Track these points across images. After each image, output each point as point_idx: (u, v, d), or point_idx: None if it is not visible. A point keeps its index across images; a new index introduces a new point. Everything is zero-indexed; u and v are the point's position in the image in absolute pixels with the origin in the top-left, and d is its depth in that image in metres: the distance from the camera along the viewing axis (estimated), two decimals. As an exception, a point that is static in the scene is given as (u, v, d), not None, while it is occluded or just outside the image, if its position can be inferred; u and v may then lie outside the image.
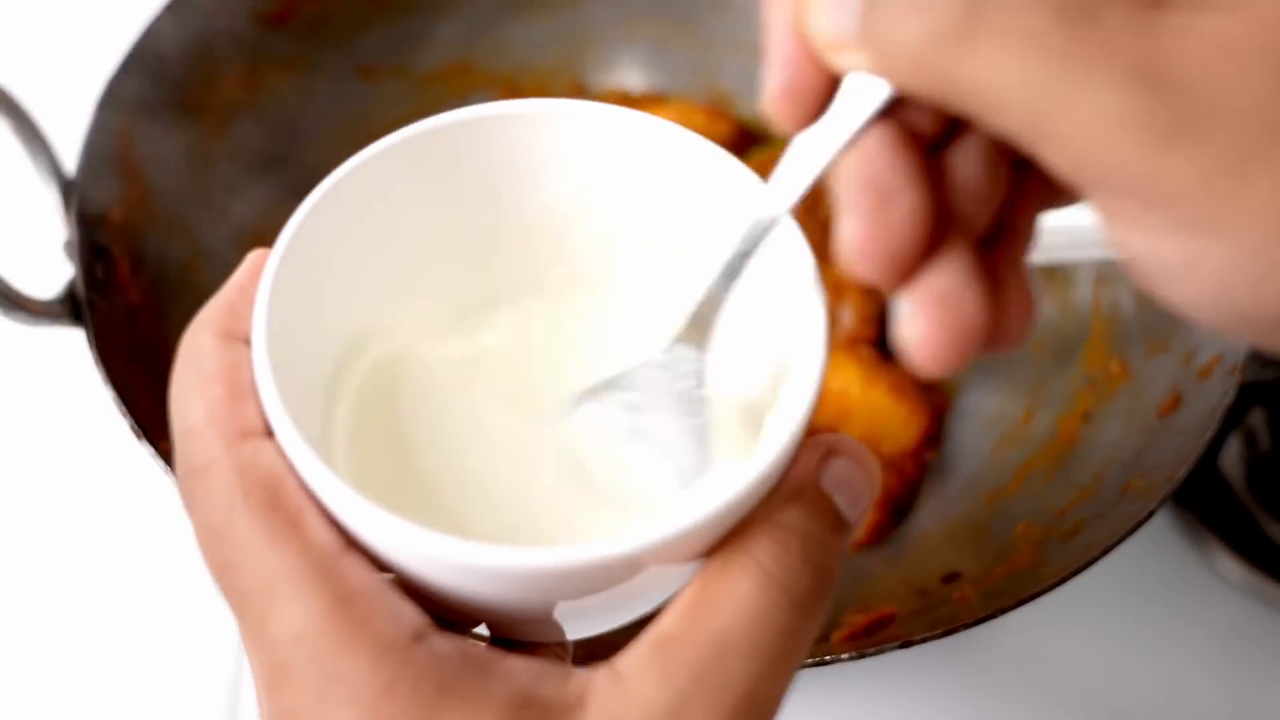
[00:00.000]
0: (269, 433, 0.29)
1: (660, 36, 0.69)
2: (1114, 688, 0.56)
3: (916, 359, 0.27)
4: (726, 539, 0.28)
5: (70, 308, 0.52)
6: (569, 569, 0.27)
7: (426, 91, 0.67)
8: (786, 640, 0.27)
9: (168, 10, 0.59)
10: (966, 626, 0.45)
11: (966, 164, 0.28)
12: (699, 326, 0.31)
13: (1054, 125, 0.24)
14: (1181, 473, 0.48)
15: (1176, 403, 0.52)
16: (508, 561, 0.27)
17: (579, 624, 0.31)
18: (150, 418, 0.49)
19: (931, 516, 0.57)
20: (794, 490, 0.29)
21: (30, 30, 0.76)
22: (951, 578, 0.52)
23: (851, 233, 0.27)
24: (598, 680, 0.27)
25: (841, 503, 0.29)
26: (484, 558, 0.27)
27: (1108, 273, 0.59)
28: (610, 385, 0.33)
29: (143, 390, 0.51)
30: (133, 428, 0.48)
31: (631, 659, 0.27)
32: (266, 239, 0.66)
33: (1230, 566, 0.58)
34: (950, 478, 0.59)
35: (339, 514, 0.28)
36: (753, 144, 0.67)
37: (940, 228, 0.27)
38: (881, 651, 0.44)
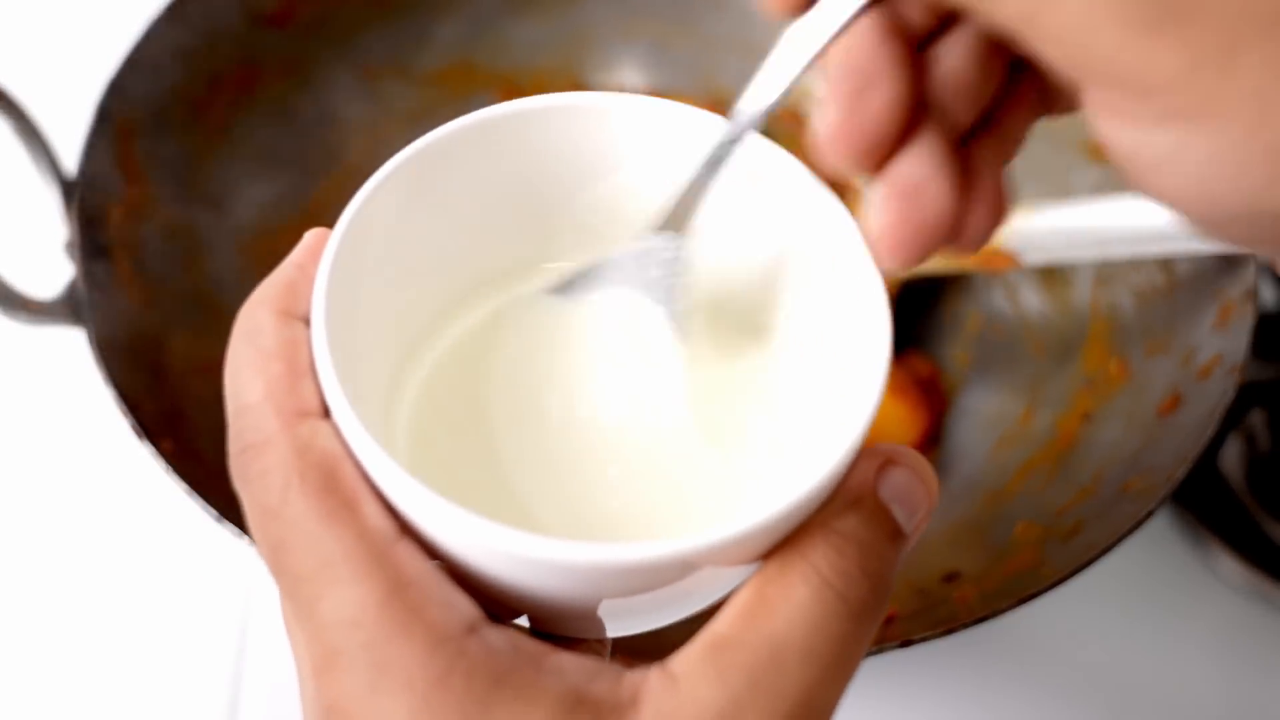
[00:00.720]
0: (326, 414, 0.29)
1: (660, 36, 0.69)
2: (1114, 688, 0.56)
3: (878, 249, 0.28)
4: (782, 544, 0.28)
5: (70, 308, 0.52)
6: (623, 566, 0.27)
7: (426, 92, 0.67)
8: (842, 648, 0.27)
9: (168, 10, 0.59)
10: (966, 626, 0.45)
11: (953, 57, 0.28)
12: (678, 217, 0.32)
13: (1044, 16, 0.25)
14: (1181, 472, 0.48)
15: (1176, 403, 0.52)
16: (560, 555, 0.26)
17: (622, 621, 0.31)
18: (150, 418, 0.49)
19: (931, 516, 0.57)
20: (852, 499, 0.29)
21: (30, 30, 0.76)
22: (951, 577, 0.52)
23: (828, 117, 0.28)
24: (650, 680, 0.27)
25: (899, 513, 0.29)
26: (536, 550, 0.26)
27: (1108, 273, 0.59)
28: (584, 275, 0.34)
29: (143, 390, 0.51)
30: (133, 428, 0.48)
31: (685, 660, 0.27)
32: (267, 239, 0.66)
33: (1230, 567, 0.58)
34: (950, 478, 0.59)
35: (393, 498, 0.28)
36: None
37: (916, 119, 0.28)
38: (881, 651, 0.44)
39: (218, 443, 0.53)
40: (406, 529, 0.28)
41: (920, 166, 0.28)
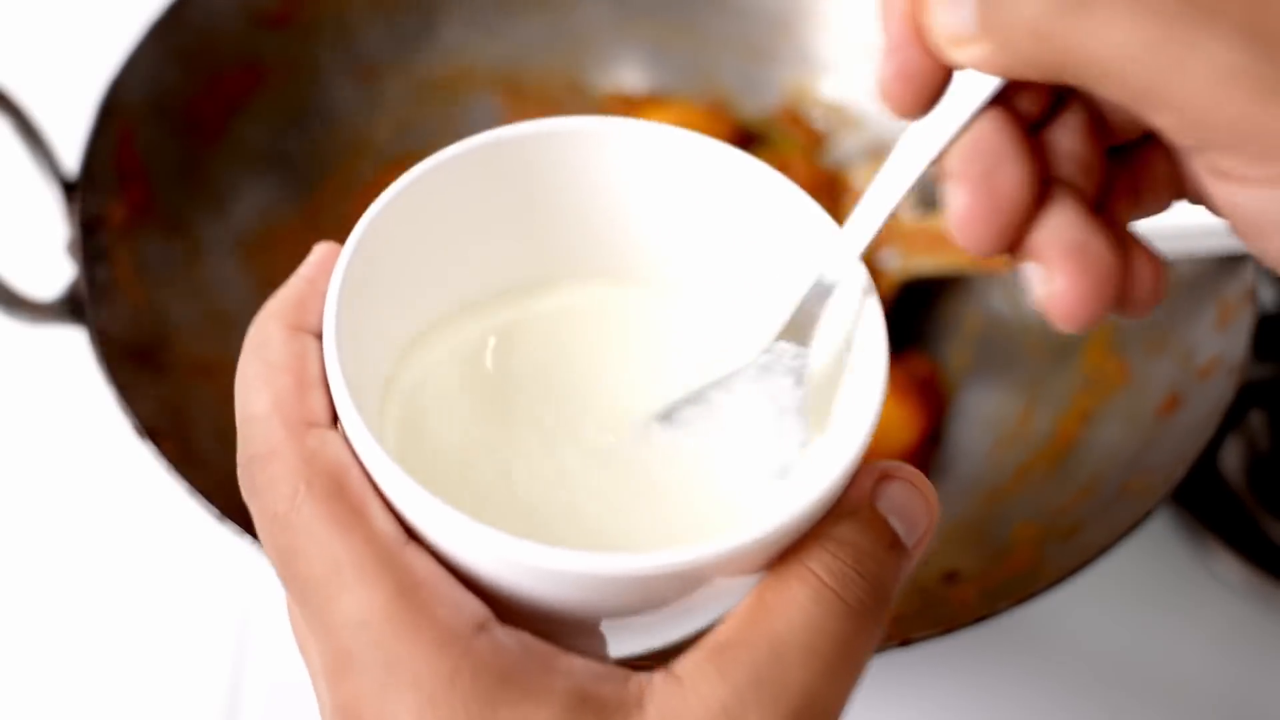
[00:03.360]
0: (333, 424, 0.29)
1: (660, 37, 0.69)
2: (1113, 688, 0.56)
3: (1057, 314, 0.29)
4: (782, 555, 0.29)
5: (71, 308, 0.52)
6: (622, 576, 0.27)
7: (426, 92, 0.67)
8: (843, 646, 0.28)
9: (168, 11, 0.59)
10: (966, 626, 0.45)
11: (1067, 138, 0.30)
12: (801, 324, 0.32)
13: (1167, 86, 0.26)
14: (1180, 472, 0.48)
15: (1176, 403, 0.52)
16: (563, 564, 0.27)
17: (624, 639, 0.31)
18: (150, 418, 0.49)
19: (934, 532, 0.57)
20: (848, 510, 0.29)
21: (30, 30, 0.76)
22: (951, 577, 0.52)
23: (960, 201, 0.29)
24: (655, 682, 0.27)
25: (898, 527, 0.30)
26: (538, 558, 0.27)
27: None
28: (696, 395, 0.34)
29: (143, 390, 0.51)
30: (133, 427, 0.48)
31: (688, 662, 0.28)
32: (267, 239, 0.66)
33: (1230, 567, 0.59)
34: (949, 477, 0.59)
35: (400, 506, 0.28)
36: (751, 144, 0.67)
37: (1045, 196, 0.29)
38: (881, 651, 0.44)
39: (218, 443, 0.54)
40: (414, 535, 0.28)
41: (1072, 226, 0.29)
